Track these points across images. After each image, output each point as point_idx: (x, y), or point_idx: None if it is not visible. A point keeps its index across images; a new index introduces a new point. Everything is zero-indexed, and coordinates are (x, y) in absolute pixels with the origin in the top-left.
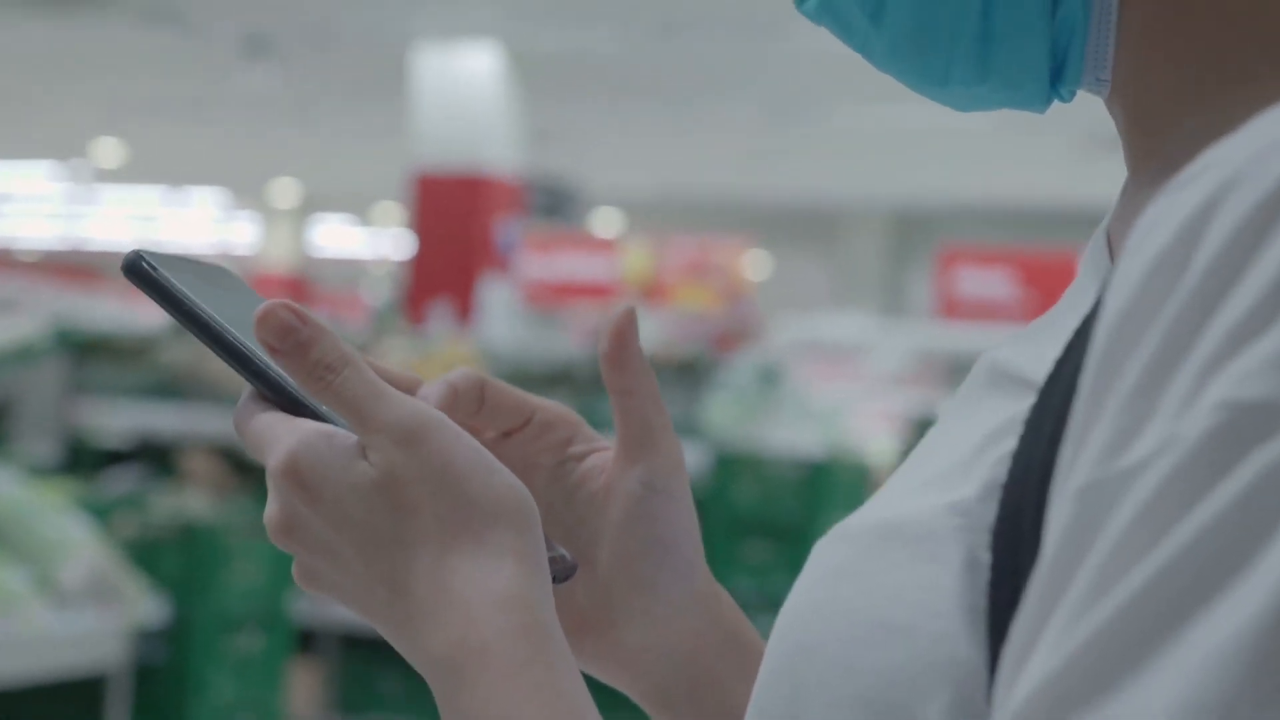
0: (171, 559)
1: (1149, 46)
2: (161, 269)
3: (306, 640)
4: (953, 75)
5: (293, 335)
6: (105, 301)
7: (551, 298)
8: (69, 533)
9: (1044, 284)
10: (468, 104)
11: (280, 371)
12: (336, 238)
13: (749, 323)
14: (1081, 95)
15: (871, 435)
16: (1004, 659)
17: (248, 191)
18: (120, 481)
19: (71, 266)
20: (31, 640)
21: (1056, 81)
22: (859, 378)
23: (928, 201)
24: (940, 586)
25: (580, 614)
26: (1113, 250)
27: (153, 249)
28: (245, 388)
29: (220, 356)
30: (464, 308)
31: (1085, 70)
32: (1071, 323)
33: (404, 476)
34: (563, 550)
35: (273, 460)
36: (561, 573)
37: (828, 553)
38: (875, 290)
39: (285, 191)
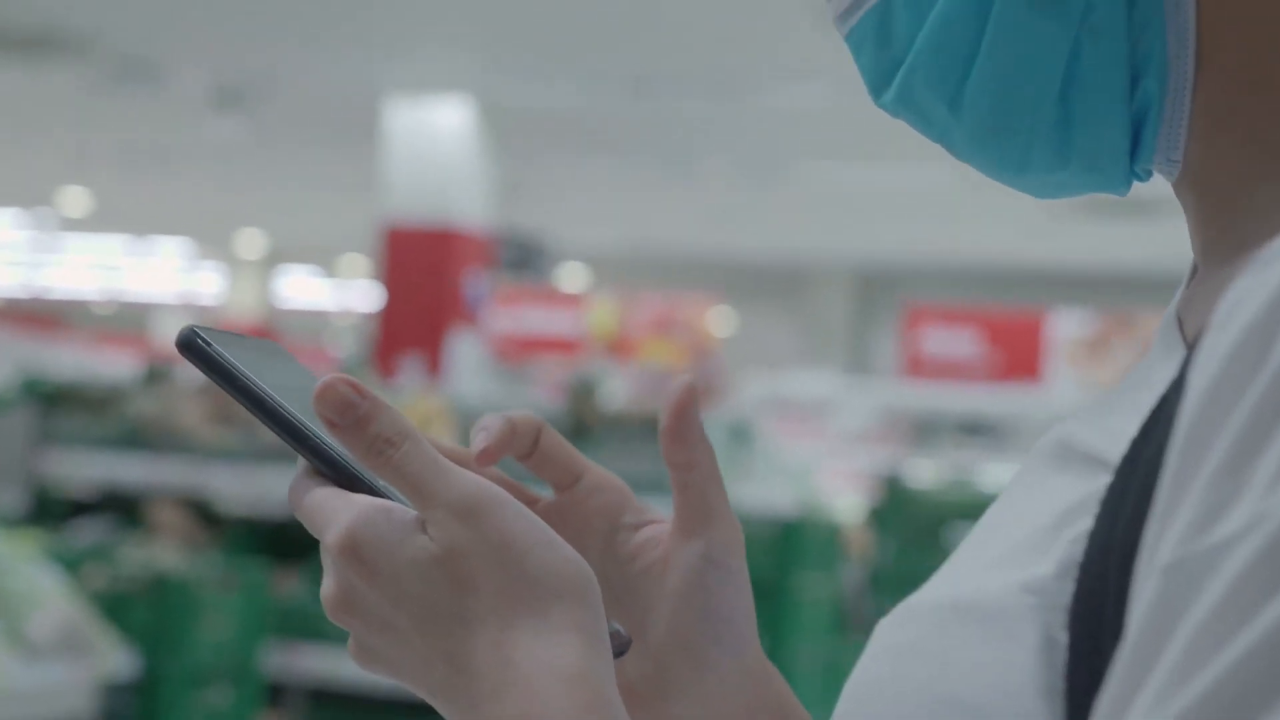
0: (141, 612)
1: (1222, 126)
2: (215, 344)
3: (275, 694)
4: (1032, 161)
5: (352, 410)
6: (68, 350)
7: (518, 352)
8: (38, 584)
9: (1008, 344)
10: (438, 157)
11: (336, 447)
12: (302, 289)
13: (715, 379)
14: None
15: (839, 493)
16: None
17: (213, 242)
18: (87, 532)
19: (34, 315)
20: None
21: (1133, 162)
22: (825, 435)
23: (894, 260)
24: (1016, 665)
25: (630, 685)
26: (1184, 332)
27: (205, 325)
28: (299, 462)
29: (275, 432)
30: (433, 361)
31: (1158, 151)
32: (1146, 400)
33: (465, 551)
34: (618, 624)
35: (330, 536)
36: (618, 647)
37: (894, 631)
38: (841, 348)
39: (251, 242)
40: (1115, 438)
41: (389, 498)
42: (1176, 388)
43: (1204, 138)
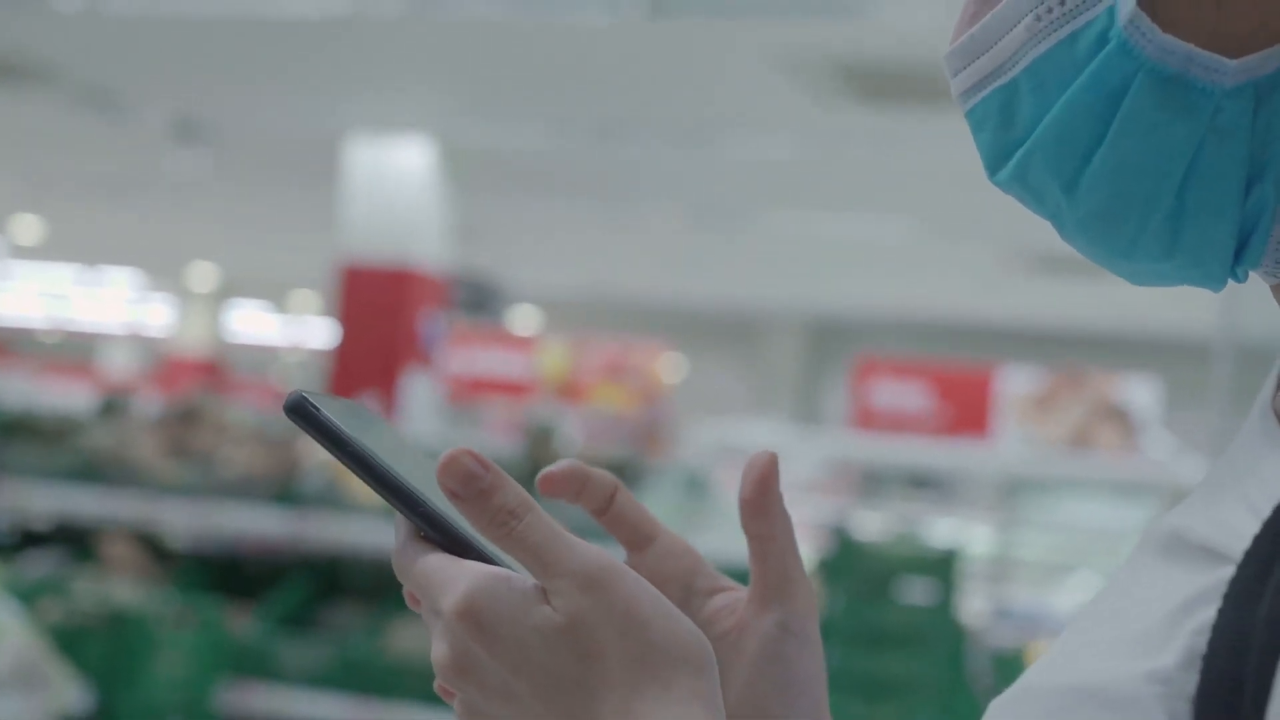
0: (98, 646)
1: None
2: (323, 409)
3: None
4: (1139, 250)
5: (476, 482)
6: (14, 379)
7: (469, 393)
8: None
9: (958, 398)
10: (397, 197)
11: (449, 513)
12: (252, 323)
13: (663, 425)
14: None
15: None
16: None
17: (164, 273)
18: (39, 564)
19: None
20: None
21: (1235, 262)
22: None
23: (845, 312)
24: None
25: None
26: None
27: (310, 389)
28: (400, 526)
29: (384, 497)
30: (388, 400)
31: (1267, 254)
32: (1256, 494)
33: (590, 621)
34: None
35: (448, 602)
36: None
37: (1013, 711)
38: (791, 398)
39: (203, 275)
40: (1230, 531)
41: (500, 564)
42: None
43: None
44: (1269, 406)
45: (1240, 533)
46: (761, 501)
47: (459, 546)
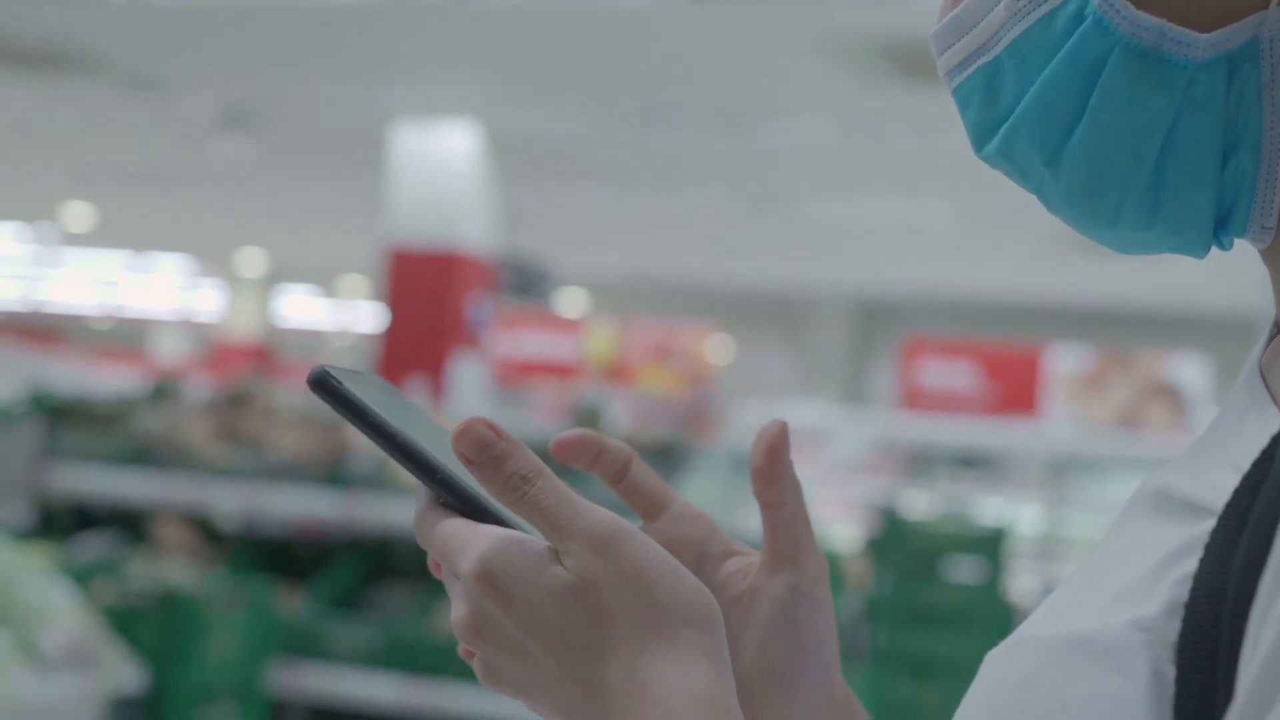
0: (151, 628)
1: None
2: (346, 383)
3: (277, 712)
4: (1121, 220)
5: (490, 449)
6: (67, 365)
7: (516, 375)
8: (49, 598)
9: (1005, 377)
10: (444, 181)
11: (466, 480)
12: (301, 308)
13: (710, 407)
14: None
15: (835, 523)
16: None
17: (214, 259)
18: (92, 547)
19: (33, 329)
20: (10, 706)
21: (1220, 230)
22: (820, 465)
23: (892, 293)
24: (1128, 698)
25: None
26: (1270, 388)
27: (334, 363)
28: (421, 495)
29: (405, 466)
30: (436, 383)
31: (1251, 220)
32: (1238, 452)
33: (600, 581)
34: None
35: (465, 564)
36: None
37: (1007, 662)
38: (838, 379)
39: (252, 261)
40: (1213, 487)
41: (516, 528)
42: (1276, 443)
43: None
44: (1256, 368)
45: (1222, 487)
46: (772, 469)
47: (475, 511)
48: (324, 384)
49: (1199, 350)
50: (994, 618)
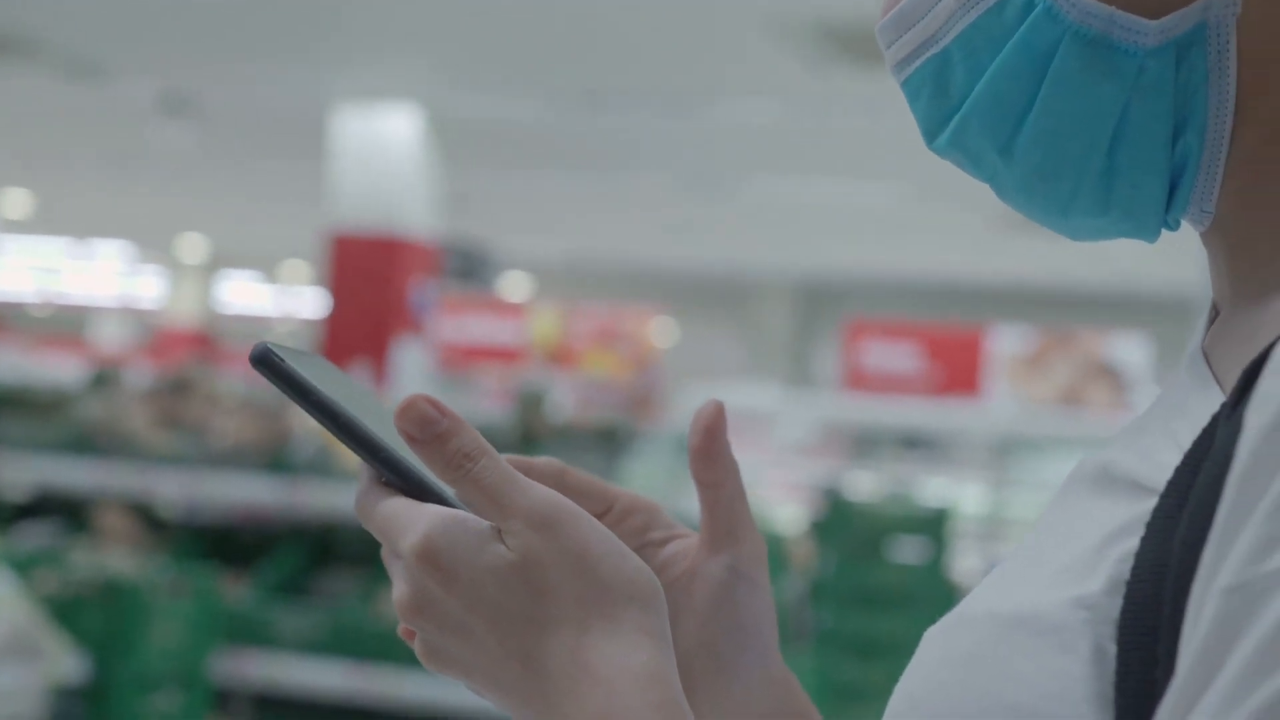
0: (93, 616)
1: (1256, 177)
2: (289, 360)
3: (221, 699)
4: (1075, 207)
5: (432, 426)
6: (6, 352)
7: (460, 360)
8: None
9: (948, 358)
10: (386, 166)
11: (408, 459)
12: (243, 294)
13: (655, 390)
14: None
15: (780, 504)
16: None
17: (155, 246)
18: (32, 536)
19: None
20: None
21: (1166, 211)
22: (765, 447)
23: (836, 274)
24: (1070, 675)
25: None
26: (1213, 367)
27: (276, 341)
28: (364, 473)
29: (347, 444)
30: (379, 369)
31: (1192, 202)
32: (1182, 430)
33: (542, 560)
34: None
35: (406, 543)
36: None
37: (947, 639)
38: (783, 361)
39: (193, 247)
40: (1155, 465)
41: (457, 508)
42: (1216, 422)
43: (1237, 189)
44: (1199, 349)
45: (1164, 465)
46: (710, 449)
47: (418, 490)
48: (267, 361)
49: (1139, 330)
50: (938, 597)
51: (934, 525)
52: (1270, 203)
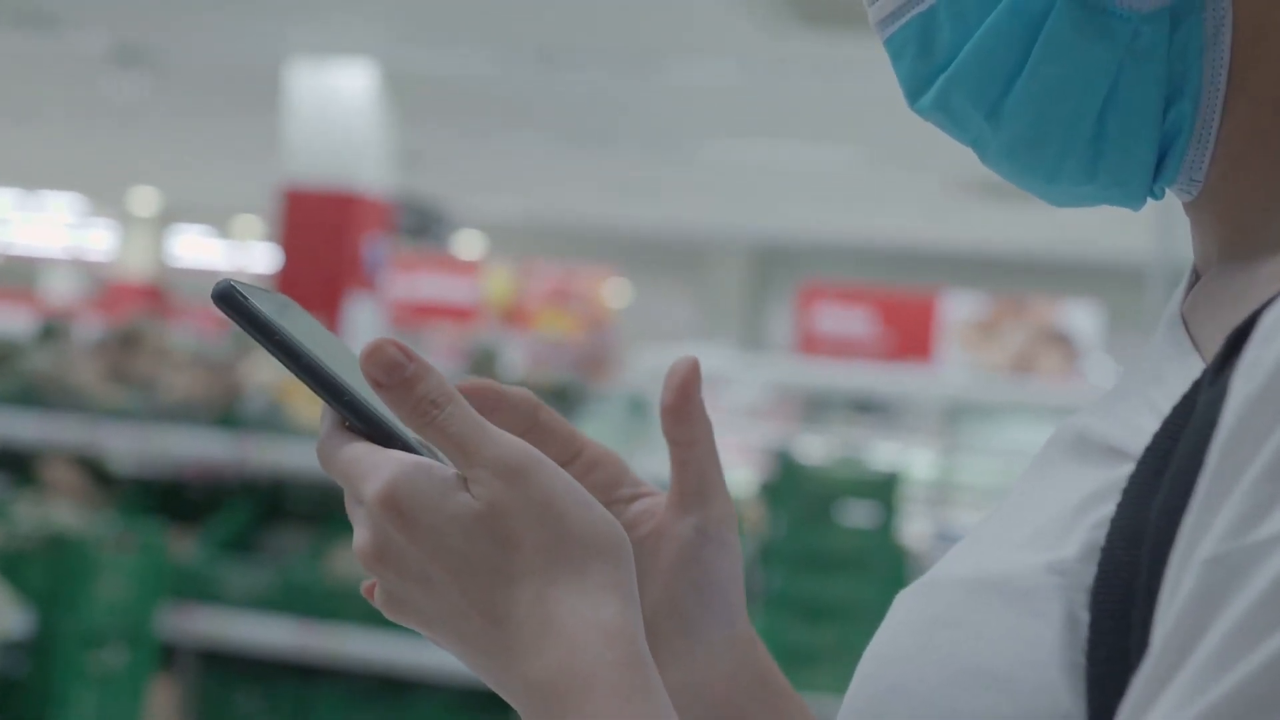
0: (37, 571)
1: (1248, 147)
2: (252, 299)
3: (167, 655)
4: (1062, 174)
5: (399, 371)
6: None
7: (413, 318)
8: None
9: (901, 323)
10: (340, 121)
11: (373, 403)
12: (195, 249)
13: (608, 351)
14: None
15: (731, 467)
16: (1121, 713)
17: (106, 198)
18: None
19: None
20: None
21: (1153, 179)
22: (718, 409)
23: (791, 237)
24: (1042, 641)
25: None
26: (1191, 333)
27: (239, 280)
28: (327, 418)
29: (310, 387)
30: (332, 325)
31: (1181, 172)
32: (1159, 396)
33: (508, 509)
34: None
35: (369, 489)
36: None
37: (918, 602)
38: (736, 323)
39: (145, 200)
40: (1132, 430)
41: (422, 454)
42: (1198, 388)
43: (1227, 159)
44: (1177, 315)
45: (1141, 431)
46: (683, 407)
47: (382, 436)
48: (229, 298)
49: (1090, 296)
50: (887, 562)
51: (884, 489)
52: (1260, 172)
